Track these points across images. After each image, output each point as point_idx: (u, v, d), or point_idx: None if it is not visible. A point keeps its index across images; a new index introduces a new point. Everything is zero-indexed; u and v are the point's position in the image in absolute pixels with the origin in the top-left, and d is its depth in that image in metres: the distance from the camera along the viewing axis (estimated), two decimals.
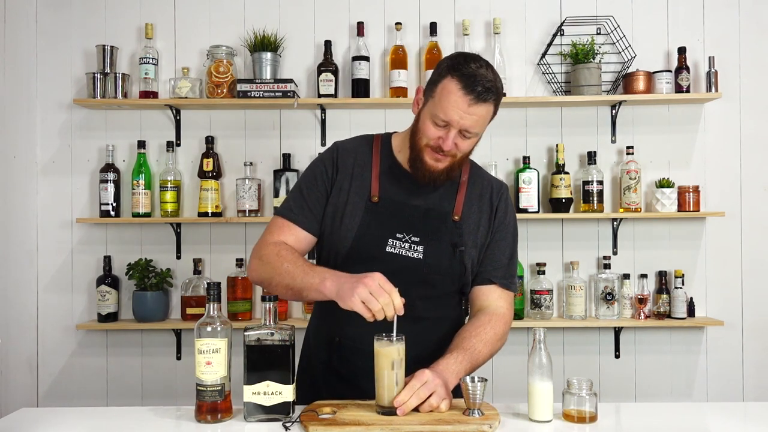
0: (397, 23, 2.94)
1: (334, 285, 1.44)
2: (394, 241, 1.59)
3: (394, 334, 1.41)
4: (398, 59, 2.90)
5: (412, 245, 1.59)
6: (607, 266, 2.91)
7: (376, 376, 1.42)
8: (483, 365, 1.60)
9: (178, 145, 3.00)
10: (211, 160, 2.91)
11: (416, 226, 1.61)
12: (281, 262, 1.54)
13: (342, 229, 1.61)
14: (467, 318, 1.72)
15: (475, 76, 1.49)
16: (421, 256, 1.59)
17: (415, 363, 1.46)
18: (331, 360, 1.65)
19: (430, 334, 1.63)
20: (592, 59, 2.89)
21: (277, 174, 2.92)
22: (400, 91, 2.88)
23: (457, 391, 1.46)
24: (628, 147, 2.92)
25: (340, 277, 1.45)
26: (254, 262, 1.62)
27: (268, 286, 1.59)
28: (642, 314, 2.88)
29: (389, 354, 1.40)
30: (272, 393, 1.40)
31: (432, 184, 1.61)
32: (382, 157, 1.67)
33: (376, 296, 1.37)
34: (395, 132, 1.73)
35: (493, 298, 1.66)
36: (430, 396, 1.39)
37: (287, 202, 1.67)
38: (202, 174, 2.92)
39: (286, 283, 1.52)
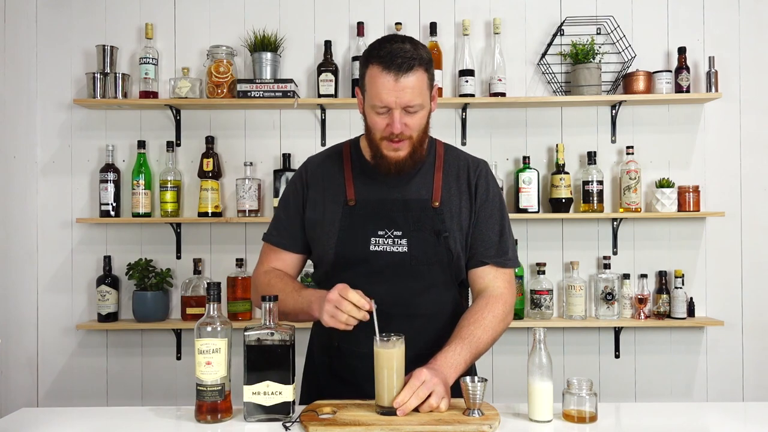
0: (397, 23, 2.94)
1: (317, 306, 1.50)
2: (377, 239, 1.59)
3: (377, 331, 1.42)
4: None
5: (396, 240, 1.59)
6: (607, 266, 2.91)
7: (376, 376, 1.42)
8: (487, 350, 1.59)
9: (178, 145, 3.00)
10: (211, 160, 2.91)
11: (396, 220, 1.60)
12: (272, 291, 1.61)
13: (323, 237, 1.63)
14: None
15: (391, 52, 1.50)
16: (405, 249, 1.59)
17: (414, 362, 1.45)
18: (332, 363, 1.65)
19: (428, 331, 1.61)
20: (592, 59, 2.89)
21: (277, 174, 2.92)
22: None
23: (458, 391, 1.46)
24: (628, 147, 2.92)
25: (320, 298, 1.50)
26: (253, 295, 1.71)
27: None
28: (642, 314, 2.88)
29: (389, 354, 1.40)
30: (272, 393, 1.40)
31: (399, 173, 1.60)
32: (353, 161, 1.68)
33: (339, 307, 1.43)
34: (363, 134, 1.71)
35: (489, 279, 1.64)
36: (429, 395, 1.39)
37: (270, 228, 1.75)
38: (202, 174, 2.91)
39: (281, 310, 1.60)
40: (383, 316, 1.47)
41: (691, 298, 2.93)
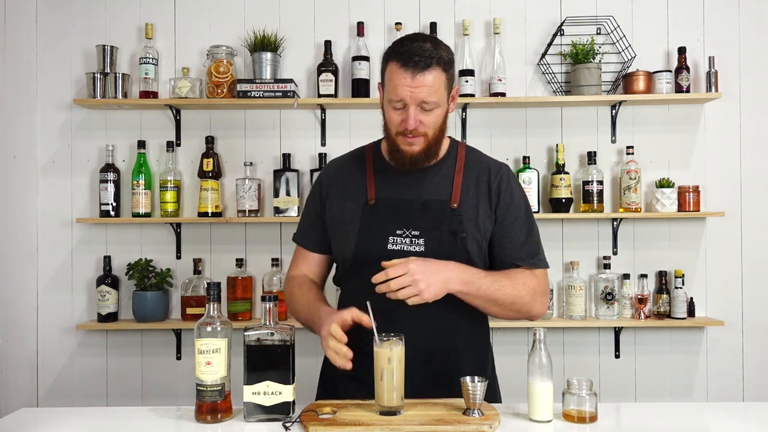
0: (397, 23, 2.94)
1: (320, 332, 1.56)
2: (395, 238, 1.61)
3: (375, 331, 1.43)
4: None
5: (413, 239, 1.60)
6: (607, 266, 2.91)
7: (376, 376, 1.42)
8: (498, 306, 1.59)
9: (178, 145, 3.00)
10: (211, 160, 2.91)
11: (415, 220, 1.62)
12: (293, 301, 1.73)
13: (343, 236, 1.66)
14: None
15: (411, 50, 1.54)
16: (422, 248, 1.60)
17: (426, 361, 1.49)
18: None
19: (441, 331, 1.61)
20: (592, 59, 2.89)
21: (277, 174, 2.92)
22: None
23: (458, 391, 1.46)
24: (628, 147, 2.92)
25: (323, 322, 1.55)
26: (285, 300, 1.81)
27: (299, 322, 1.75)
28: (642, 314, 2.88)
29: (388, 354, 1.40)
30: (272, 393, 1.41)
31: (413, 168, 1.63)
32: (375, 162, 1.72)
33: (326, 347, 1.49)
34: (384, 137, 1.73)
35: None
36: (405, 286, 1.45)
37: (298, 228, 1.82)
38: (202, 174, 2.91)
39: (301, 323, 1.71)
40: (399, 316, 1.50)
41: (691, 298, 2.93)
